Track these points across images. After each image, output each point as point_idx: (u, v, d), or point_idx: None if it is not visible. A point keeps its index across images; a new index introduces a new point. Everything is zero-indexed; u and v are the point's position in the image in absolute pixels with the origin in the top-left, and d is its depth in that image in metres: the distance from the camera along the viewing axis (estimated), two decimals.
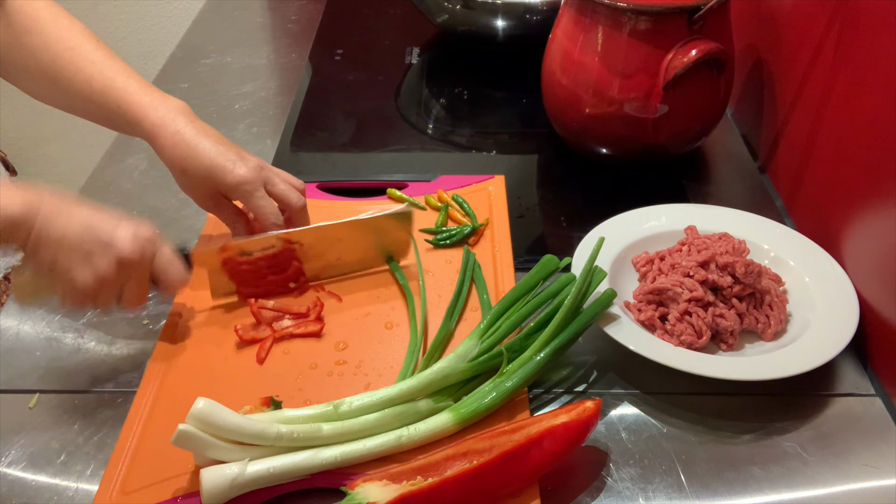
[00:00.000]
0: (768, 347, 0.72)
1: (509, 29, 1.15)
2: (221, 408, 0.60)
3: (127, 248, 0.66)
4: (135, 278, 0.69)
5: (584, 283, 0.70)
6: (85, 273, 0.65)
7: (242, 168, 0.75)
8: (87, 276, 0.66)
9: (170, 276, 0.71)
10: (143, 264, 0.68)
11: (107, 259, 0.66)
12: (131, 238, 0.67)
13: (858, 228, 0.77)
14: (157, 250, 0.70)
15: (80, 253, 0.65)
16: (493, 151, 1.06)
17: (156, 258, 0.70)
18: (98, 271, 0.66)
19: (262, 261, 0.77)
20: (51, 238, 0.64)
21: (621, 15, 0.85)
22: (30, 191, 0.65)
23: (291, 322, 0.75)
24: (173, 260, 0.71)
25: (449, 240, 0.85)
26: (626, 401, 0.70)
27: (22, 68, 0.80)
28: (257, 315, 0.75)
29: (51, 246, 0.65)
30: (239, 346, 0.74)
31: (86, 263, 0.65)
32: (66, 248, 0.65)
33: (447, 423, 0.64)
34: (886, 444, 0.66)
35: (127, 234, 0.67)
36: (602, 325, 0.71)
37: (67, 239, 0.65)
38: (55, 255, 0.65)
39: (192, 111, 0.79)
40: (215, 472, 0.59)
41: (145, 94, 0.77)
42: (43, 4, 0.80)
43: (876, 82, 0.74)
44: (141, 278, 0.69)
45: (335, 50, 1.29)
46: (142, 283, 0.70)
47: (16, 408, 0.70)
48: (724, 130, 1.06)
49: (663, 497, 0.62)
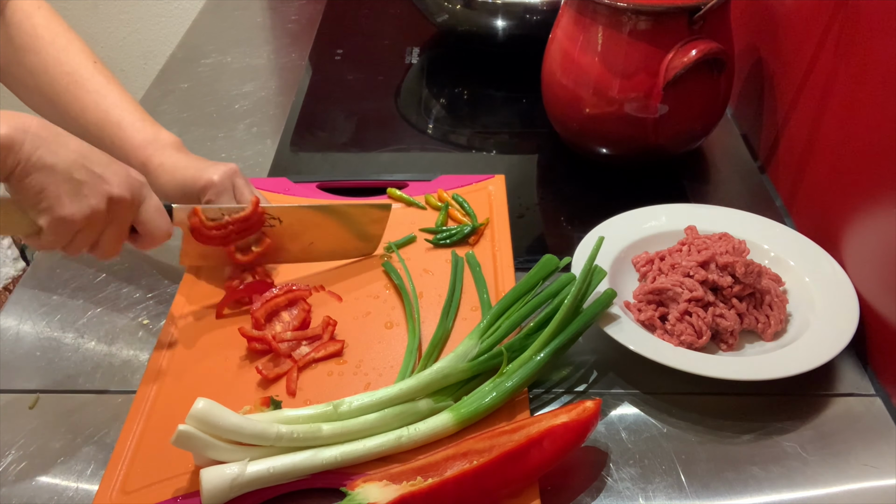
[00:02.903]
0: (768, 347, 0.72)
1: (509, 29, 1.15)
2: (221, 408, 0.60)
3: (121, 184, 0.65)
4: (117, 222, 0.67)
5: (584, 282, 0.70)
6: (73, 206, 0.63)
7: (212, 173, 0.77)
8: (75, 210, 0.63)
9: (155, 226, 0.69)
10: (131, 207, 0.67)
11: (98, 194, 0.64)
12: (125, 176, 0.65)
13: (858, 228, 0.77)
14: (148, 195, 0.69)
15: (71, 183, 0.62)
16: (493, 151, 1.06)
17: (142, 206, 0.68)
18: (87, 205, 0.63)
19: (232, 224, 0.76)
20: (42, 163, 0.61)
21: (621, 15, 0.85)
22: (17, 116, 0.61)
23: (310, 347, 0.73)
24: (161, 209, 0.70)
25: (449, 239, 0.85)
26: (626, 401, 0.70)
27: (21, 84, 0.81)
28: (276, 349, 0.72)
29: (41, 171, 0.61)
30: (238, 346, 0.74)
31: (76, 195, 0.63)
32: (57, 175, 0.62)
33: (447, 424, 0.64)
34: (886, 444, 0.66)
35: (120, 171, 0.66)
36: (602, 325, 0.71)
37: (59, 166, 0.62)
38: (44, 183, 0.61)
39: (182, 145, 0.81)
40: (215, 472, 0.59)
41: (138, 132, 0.79)
42: (42, 22, 0.80)
43: (876, 82, 0.74)
44: (123, 224, 0.67)
45: (335, 50, 1.29)
46: (122, 230, 0.68)
47: (16, 408, 0.70)
48: (724, 130, 1.06)
49: (663, 497, 0.62)
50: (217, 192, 0.77)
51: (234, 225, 0.76)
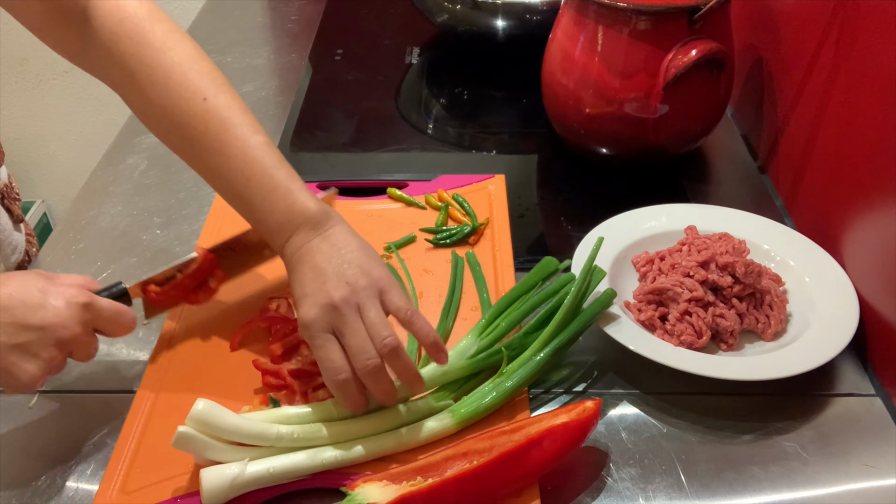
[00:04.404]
0: (768, 347, 0.72)
1: (509, 29, 1.15)
2: (221, 409, 0.60)
3: (65, 324, 0.60)
4: (77, 346, 0.63)
5: (584, 282, 0.70)
6: (28, 370, 0.59)
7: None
8: (33, 370, 0.59)
9: (117, 327, 0.65)
10: (84, 334, 0.62)
11: (47, 345, 0.60)
12: (64, 310, 0.60)
13: (858, 228, 0.77)
14: (97, 309, 0.63)
15: (15, 352, 0.59)
16: (493, 151, 1.06)
17: (99, 316, 0.63)
18: (42, 360, 0.60)
19: (188, 279, 0.73)
20: None
21: (621, 15, 0.85)
22: None
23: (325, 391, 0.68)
24: (117, 311, 0.65)
25: (449, 239, 0.85)
26: (626, 401, 0.70)
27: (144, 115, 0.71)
28: (290, 386, 0.68)
29: None
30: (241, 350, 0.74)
31: (26, 358, 0.59)
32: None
33: (447, 423, 0.64)
34: (886, 444, 0.66)
35: (58, 305, 0.60)
36: (602, 325, 0.71)
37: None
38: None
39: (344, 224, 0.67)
40: (215, 472, 0.59)
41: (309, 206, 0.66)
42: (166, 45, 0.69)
43: (876, 82, 0.74)
44: (88, 342, 0.64)
45: (335, 50, 1.29)
46: (90, 344, 0.64)
47: (16, 408, 0.70)
48: (724, 130, 1.06)
49: (663, 497, 0.62)
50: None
51: (189, 279, 0.73)
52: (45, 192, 2.15)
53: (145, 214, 0.93)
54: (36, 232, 2.02)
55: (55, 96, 2.03)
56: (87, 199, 0.96)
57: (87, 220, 0.92)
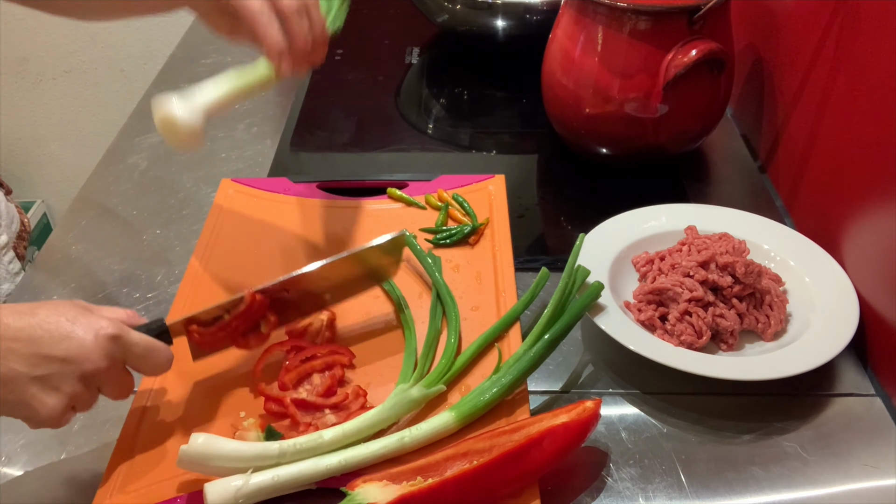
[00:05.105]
0: (768, 347, 0.72)
1: (509, 29, 1.15)
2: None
3: (89, 357, 0.56)
4: (107, 383, 0.59)
5: (569, 279, 0.70)
6: (50, 403, 0.56)
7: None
8: (54, 404, 0.56)
9: (151, 366, 0.62)
10: (112, 369, 0.58)
11: (69, 378, 0.56)
12: (91, 343, 0.56)
13: (858, 228, 0.77)
14: (126, 343, 0.59)
15: (35, 384, 0.55)
16: (493, 151, 1.06)
17: (128, 351, 0.59)
18: (64, 395, 0.56)
19: (235, 320, 0.68)
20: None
21: (621, 15, 0.85)
22: None
23: (335, 416, 0.66)
24: (150, 347, 0.61)
25: (449, 239, 0.85)
26: (626, 401, 0.70)
27: None
28: (293, 416, 0.66)
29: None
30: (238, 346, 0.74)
31: (47, 391, 0.55)
32: (16, 383, 0.55)
33: (448, 422, 0.64)
34: (886, 444, 0.66)
35: (84, 338, 0.56)
36: (602, 326, 0.71)
37: (15, 371, 0.54)
38: (6, 396, 0.55)
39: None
40: (219, 485, 0.58)
41: None
42: None
43: (876, 82, 0.74)
44: (117, 377, 0.60)
45: (335, 50, 1.29)
46: (120, 380, 0.60)
47: None
48: (724, 130, 1.06)
49: (663, 497, 0.62)
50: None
51: (237, 320, 0.68)
52: (45, 192, 2.15)
53: (145, 214, 0.93)
54: (36, 232, 2.03)
55: (55, 96, 2.03)
56: (87, 199, 0.96)
57: (87, 220, 0.92)
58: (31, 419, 0.57)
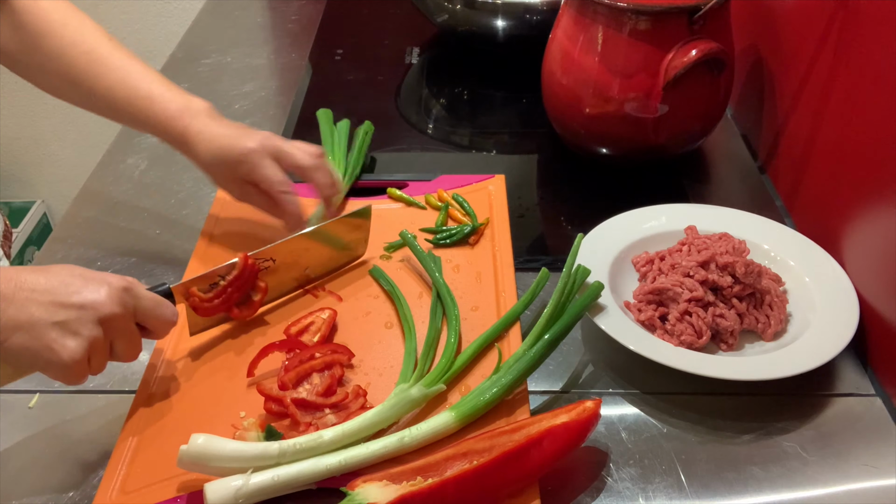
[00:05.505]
0: (768, 347, 0.72)
1: (509, 29, 1.15)
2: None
3: (105, 302, 0.61)
4: (120, 334, 0.63)
5: (569, 279, 0.70)
6: (69, 347, 0.59)
7: (247, 141, 0.77)
8: (74, 348, 0.59)
9: (159, 319, 0.66)
10: (125, 316, 0.63)
11: (87, 323, 0.60)
12: (106, 290, 0.61)
13: (858, 228, 0.77)
14: (137, 295, 0.64)
15: (55, 329, 0.59)
16: (493, 151, 1.06)
17: (139, 304, 0.64)
18: (83, 339, 0.60)
19: (230, 286, 0.73)
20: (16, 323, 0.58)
21: (621, 15, 0.85)
22: None
23: (335, 416, 0.66)
24: (158, 301, 0.66)
25: (449, 239, 0.85)
26: (626, 401, 0.70)
27: (39, 70, 0.80)
28: (293, 416, 0.66)
29: (20, 331, 0.58)
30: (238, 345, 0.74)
31: (66, 336, 0.59)
32: (37, 328, 0.58)
33: (449, 422, 0.64)
34: (886, 444, 0.66)
35: (98, 286, 0.61)
36: (602, 326, 0.71)
37: (35, 318, 0.58)
38: (27, 341, 0.58)
39: (214, 111, 0.80)
40: (219, 485, 0.58)
41: (170, 102, 0.78)
42: (49, 5, 0.79)
43: (876, 82, 0.74)
44: (127, 332, 0.64)
45: (335, 50, 1.29)
46: (130, 336, 0.64)
47: (16, 408, 0.70)
48: (724, 130, 1.06)
49: (663, 497, 0.62)
50: (255, 161, 0.77)
51: (232, 286, 0.73)
52: (45, 192, 2.15)
53: (145, 214, 0.93)
54: (36, 232, 2.04)
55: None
56: (87, 199, 0.96)
57: (87, 220, 0.92)
58: (54, 364, 0.59)
